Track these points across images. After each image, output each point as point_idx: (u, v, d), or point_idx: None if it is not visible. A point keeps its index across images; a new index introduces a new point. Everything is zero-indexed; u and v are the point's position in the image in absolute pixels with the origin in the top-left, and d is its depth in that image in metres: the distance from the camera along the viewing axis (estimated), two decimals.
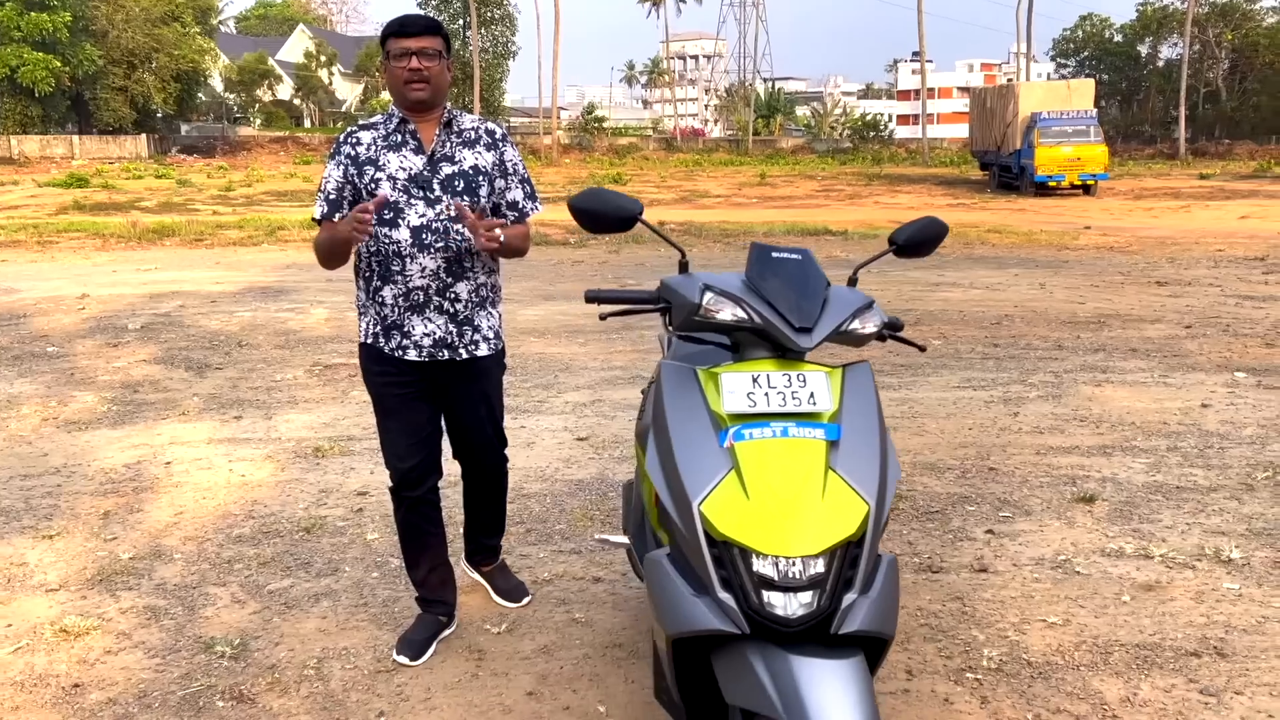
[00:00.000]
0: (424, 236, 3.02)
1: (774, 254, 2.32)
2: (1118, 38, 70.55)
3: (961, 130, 56.78)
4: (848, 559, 2.00)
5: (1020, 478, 4.88)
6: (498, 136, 3.17)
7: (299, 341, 8.43)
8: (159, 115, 54.52)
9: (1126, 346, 7.94)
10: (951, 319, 9.25)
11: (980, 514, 4.43)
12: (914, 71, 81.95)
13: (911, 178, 38.05)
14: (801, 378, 2.18)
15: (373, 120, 3.13)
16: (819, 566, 1.97)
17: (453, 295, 3.09)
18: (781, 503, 2.00)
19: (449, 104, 3.14)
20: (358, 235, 2.83)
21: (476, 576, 3.68)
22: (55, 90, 45.98)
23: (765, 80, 79.45)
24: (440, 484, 3.35)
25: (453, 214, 3.02)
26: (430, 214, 3.02)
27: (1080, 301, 10.27)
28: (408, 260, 3.04)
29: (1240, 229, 18.92)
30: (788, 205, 26.58)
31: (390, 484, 3.26)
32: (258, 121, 65.92)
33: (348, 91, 73.44)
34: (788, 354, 2.25)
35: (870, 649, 2.06)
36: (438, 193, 3.04)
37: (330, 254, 3.08)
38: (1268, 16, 63.38)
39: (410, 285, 3.06)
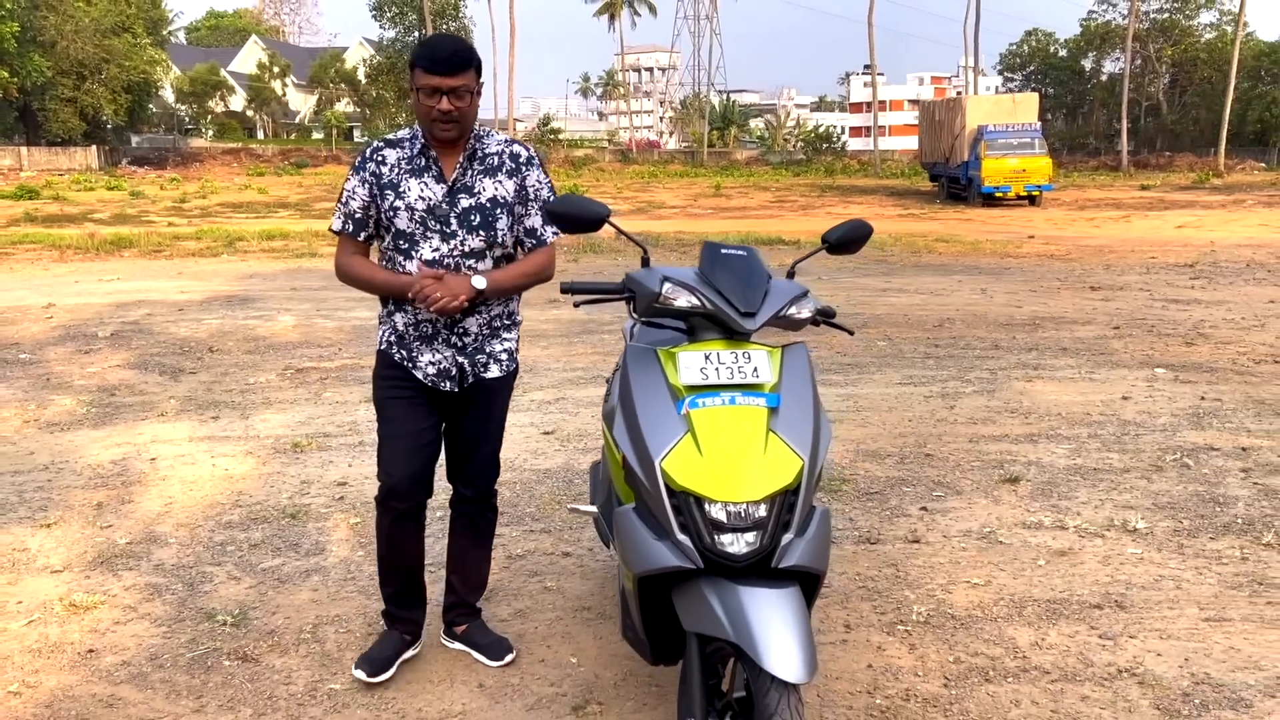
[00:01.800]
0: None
1: (723, 250, 2.69)
2: (1062, 52, 72.46)
3: (913, 142, 57.93)
4: (785, 505, 2.37)
5: (953, 463, 5.30)
6: (522, 160, 3.07)
7: (268, 347, 8.68)
8: (109, 127, 54.00)
9: (1058, 346, 8.44)
10: (896, 322, 9.72)
11: (915, 494, 4.84)
12: (866, 84, 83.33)
13: (863, 189, 38.86)
14: (747, 355, 2.55)
15: (399, 136, 3.05)
16: (761, 511, 2.33)
17: (461, 330, 3.04)
18: (730, 458, 2.36)
19: (476, 124, 3.05)
20: (422, 307, 2.89)
21: (456, 645, 3.38)
22: (2, 101, 45.41)
23: (720, 92, 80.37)
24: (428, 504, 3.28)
25: (466, 249, 2.98)
26: (444, 248, 2.96)
27: (1018, 305, 10.81)
28: None
29: (1175, 238, 19.73)
30: (742, 216, 27.14)
31: (378, 495, 3.15)
32: (209, 133, 65.48)
33: (301, 103, 73.20)
34: (735, 335, 2.62)
35: (805, 583, 2.43)
36: (454, 227, 2.97)
37: (368, 288, 3.07)
38: (1206, 33, 65.47)
39: (420, 317, 3.02)
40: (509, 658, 3.29)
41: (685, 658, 2.46)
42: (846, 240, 2.98)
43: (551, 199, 3.05)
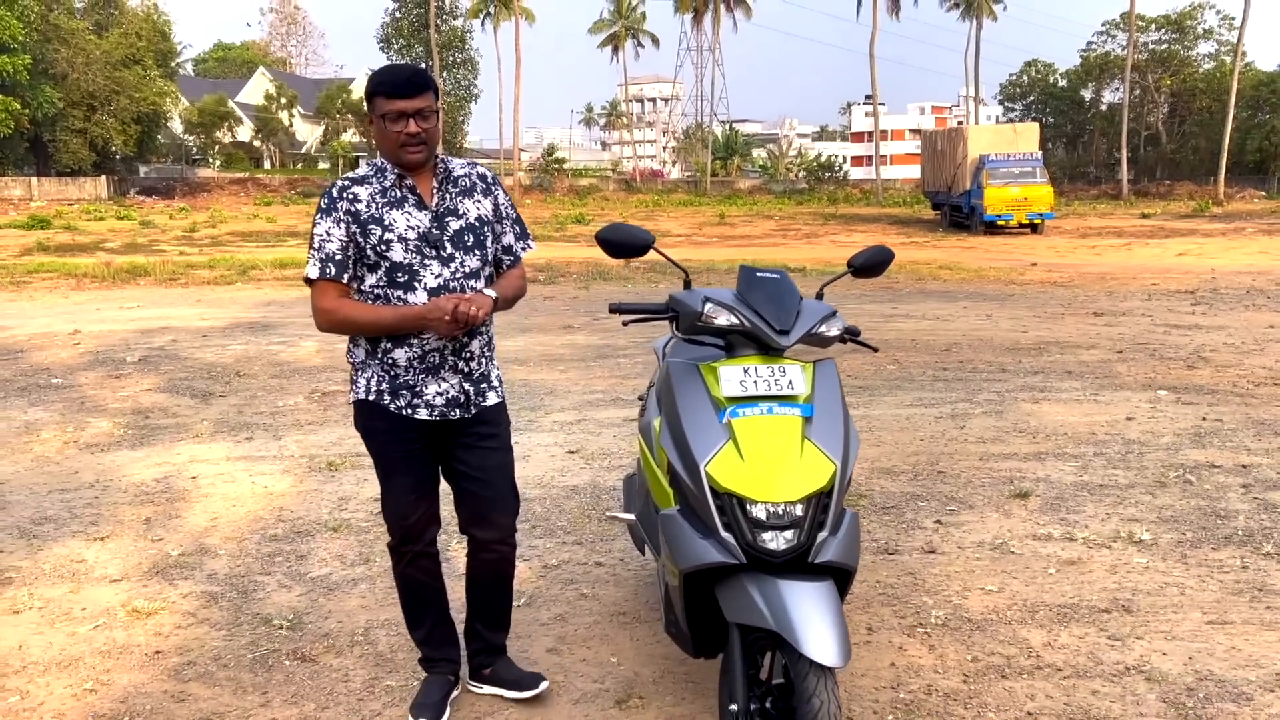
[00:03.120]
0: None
1: (758, 274, 2.94)
2: (1062, 82, 73.16)
3: (914, 171, 58.44)
4: (820, 505, 2.59)
5: (965, 479, 5.52)
6: (489, 180, 3.12)
7: (294, 371, 8.91)
8: (118, 157, 54.53)
9: (1063, 369, 8.67)
10: (905, 346, 9.95)
11: (929, 508, 5.05)
12: (867, 114, 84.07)
13: (866, 217, 39.24)
14: (782, 369, 2.78)
15: (361, 174, 2.98)
16: (799, 510, 2.55)
17: (468, 354, 3.03)
18: (769, 463, 2.59)
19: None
20: (453, 330, 2.87)
21: (485, 689, 3.32)
22: (13, 132, 45.91)
23: (722, 122, 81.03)
24: (440, 536, 3.29)
25: (466, 270, 2.98)
26: (446, 273, 2.95)
27: (1023, 330, 11.04)
28: None
29: (1176, 265, 19.99)
30: (747, 244, 27.45)
31: (390, 542, 3.17)
32: (217, 163, 66.10)
33: (308, 133, 73.91)
34: (770, 351, 2.85)
35: (838, 578, 2.64)
36: (450, 250, 2.96)
37: (371, 329, 2.95)
38: (1204, 63, 66.19)
39: (426, 348, 2.96)
40: (543, 685, 3.26)
41: (727, 648, 2.67)
42: (870, 265, 3.22)
43: (517, 214, 3.19)
